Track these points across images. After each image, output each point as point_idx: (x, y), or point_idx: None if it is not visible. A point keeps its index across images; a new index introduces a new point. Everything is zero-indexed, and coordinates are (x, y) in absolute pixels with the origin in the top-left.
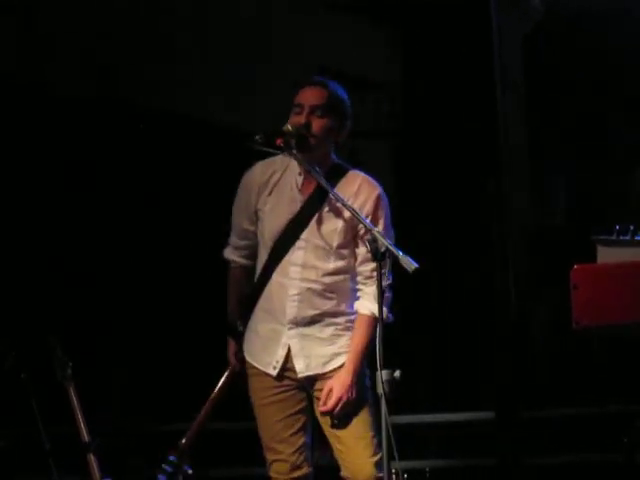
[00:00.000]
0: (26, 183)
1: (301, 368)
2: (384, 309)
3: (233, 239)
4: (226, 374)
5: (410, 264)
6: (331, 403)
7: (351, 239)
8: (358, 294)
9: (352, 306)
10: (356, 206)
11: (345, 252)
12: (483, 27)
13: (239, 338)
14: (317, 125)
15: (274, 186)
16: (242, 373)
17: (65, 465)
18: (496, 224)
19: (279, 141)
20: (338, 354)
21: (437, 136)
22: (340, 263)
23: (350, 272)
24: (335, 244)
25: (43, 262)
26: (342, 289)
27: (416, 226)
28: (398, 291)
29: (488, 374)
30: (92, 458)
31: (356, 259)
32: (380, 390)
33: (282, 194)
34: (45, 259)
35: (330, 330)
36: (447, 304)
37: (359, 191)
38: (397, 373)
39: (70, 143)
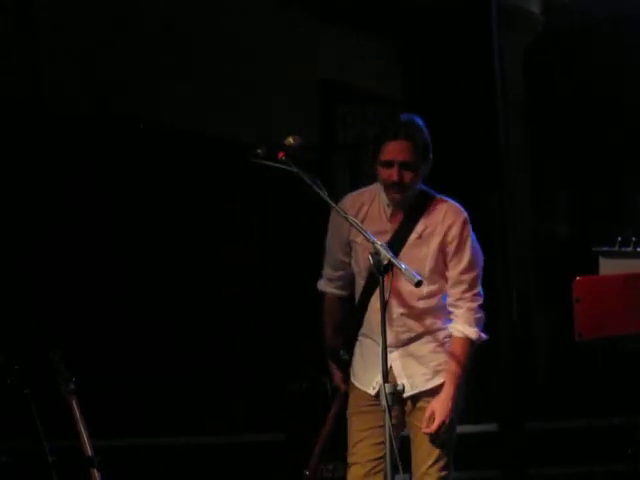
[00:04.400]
0: (27, 198)
1: (407, 388)
2: (475, 329)
3: (327, 271)
4: (337, 399)
5: (413, 277)
6: (434, 426)
7: (442, 263)
8: (450, 316)
9: (447, 321)
10: (442, 231)
11: (436, 276)
12: (483, 40)
13: (344, 366)
14: (409, 178)
15: (364, 218)
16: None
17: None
18: (498, 238)
19: (281, 155)
20: (438, 372)
21: (438, 150)
22: (433, 287)
23: (443, 292)
24: (427, 270)
25: (45, 276)
26: (436, 309)
27: None
28: None
29: (491, 386)
30: (95, 473)
31: (447, 281)
32: (384, 402)
33: (373, 225)
34: (47, 274)
35: (429, 347)
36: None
37: (445, 217)
38: (400, 386)
39: (71, 159)
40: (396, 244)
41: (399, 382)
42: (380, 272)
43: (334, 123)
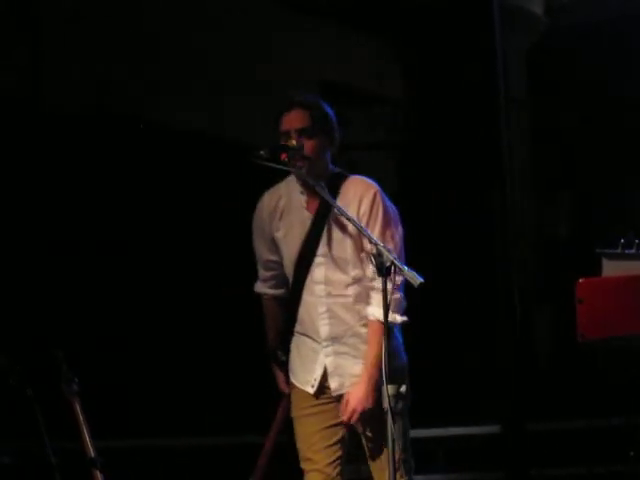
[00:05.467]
0: (27, 197)
1: (335, 387)
2: (394, 314)
3: (260, 272)
4: (282, 404)
5: (415, 278)
6: (346, 414)
7: (362, 244)
8: (369, 300)
9: None
10: (354, 207)
11: (360, 258)
12: (485, 40)
13: (284, 367)
14: (308, 147)
15: (282, 210)
16: None
17: None
18: (500, 237)
19: (284, 156)
20: None
21: (440, 149)
22: (358, 271)
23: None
24: (349, 252)
25: (47, 277)
26: (366, 297)
27: (419, 237)
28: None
29: (493, 387)
30: (98, 474)
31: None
32: (386, 405)
33: (291, 216)
34: (49, 274)
35: (362, 339)
36: (451, 316)
37: (355, 192)
38: (403, 388)
39: (71, 159)
40: (316, 231)
41: (330, 380)
42: (383, 274)
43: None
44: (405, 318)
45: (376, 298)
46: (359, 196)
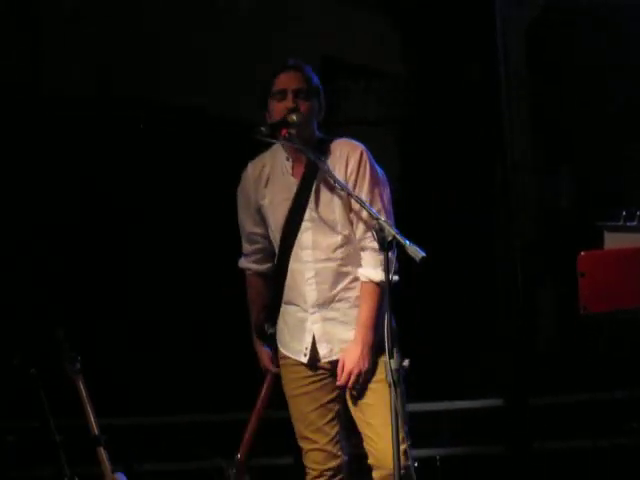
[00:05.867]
0: (28, 181)
1: (324, 353)
2: (380, 270)
3: (244, 246)
4: (266, 381)
5: (417, 253)
6: (343, 377)
7: (350, 204)
8: (360, 261)
9: None
10: (341, 167)
11: (349, 219)
12: (486, 18)
13: (271, 341)
14: (304, 107)
15: (268, 178)
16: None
17: (76, 458)
18: (502, 210)
19: (284, 132)
20: None
21: (442, 125)
22: (347, 231)
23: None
24: (338, 212)
25: (47, 259)
26: (355, 259)
27: (420, 215)
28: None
29: (495, 361)
30: (102, 451)
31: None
32: (389, 379)
33: (277, 183)
34: (50, 257)
35: (351, 303)
36: (452, 291)
37: (342, 152)
38: (406, 362)
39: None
40: (302, 196)
41: (318, 347)
42: (384, 248)
43: (336, 99)
44: (396, 278)
45: (367, 258)
46: (345, 155)
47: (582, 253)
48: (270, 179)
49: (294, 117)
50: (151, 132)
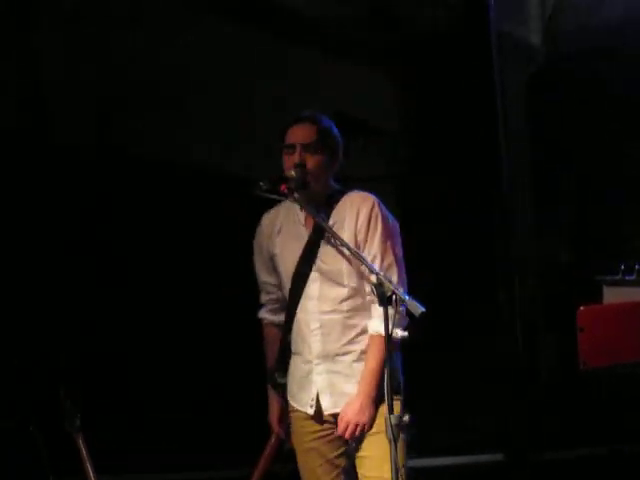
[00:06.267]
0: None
1: (327, 405)
2: (394, 329)
3: (261, 296)
4: (270, 442)
5: (417, 308)
6: (341, 427)
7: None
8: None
9: None
10: (351, 219)
11: (356, 272)
12: (484, 72)
13: (283, 391)
14: (312, 162)
15: (280, 228)
16: (286, 440)
17: None
18: (500, 265)
19: (283, 187)
20: None
21: (441, 177)
22: (355, 284)
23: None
24: (345, 263)
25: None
26: (362, 310)
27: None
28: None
29: (497, 415)
30: None
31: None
32: (390, 434)
33: (289, 233)
34: (54, 309)
35: (359, 365)
36: (454, 342)
37: (352, 204)
38: (406, 417)
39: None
40: (312, 247)
41: (321, 399)
42: (384, 303)
43: None
44: (405, 333)
45: (377, 311)
46: (356, 208)
47: (581, 308)
48: (282, 229)
49: (293, 172)
50: (155, 187)
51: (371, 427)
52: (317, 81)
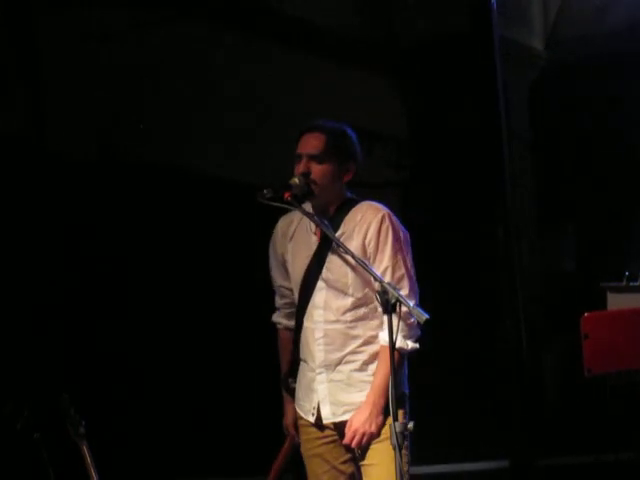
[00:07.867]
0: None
1: (327, 414)
2: (406, 340)
3: (276, 300)
4: (285, 445)
5: (421, 315)
6: (348, 435)
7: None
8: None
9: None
10: (361, 232)
11: (361, 283)
12: (488, 78)
13: (295, 396)
14: (317, 172)
15: (293, 233)
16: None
17: None
18: (505, 273)
19: (287, 195)
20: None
21: (444, 186)
22: (360, 294)
23: (373, 301)
24: (349, 277)
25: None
26: (366, 320)
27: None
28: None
29: (502, 423)
30: None
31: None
32: (394, 442)
33: (300, 240)
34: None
35: (359, 375)
36: (460, 352)
37: (364, 217)
38: (411, 424)
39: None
40: (321, 255)
41: (321, 407)
42: (388, 311)
43: None
44: (417, 345)
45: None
46: (367, 221)
47: (586, 314)
48: (295, 235)
49: (296, 180)
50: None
51: (378, 436)
52: (318, 87)
